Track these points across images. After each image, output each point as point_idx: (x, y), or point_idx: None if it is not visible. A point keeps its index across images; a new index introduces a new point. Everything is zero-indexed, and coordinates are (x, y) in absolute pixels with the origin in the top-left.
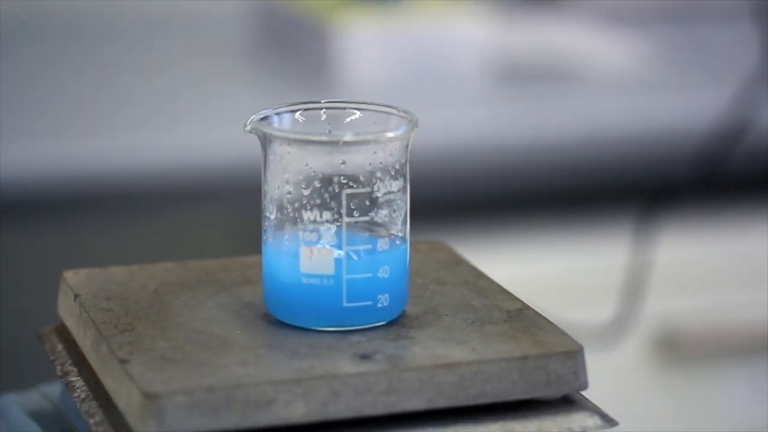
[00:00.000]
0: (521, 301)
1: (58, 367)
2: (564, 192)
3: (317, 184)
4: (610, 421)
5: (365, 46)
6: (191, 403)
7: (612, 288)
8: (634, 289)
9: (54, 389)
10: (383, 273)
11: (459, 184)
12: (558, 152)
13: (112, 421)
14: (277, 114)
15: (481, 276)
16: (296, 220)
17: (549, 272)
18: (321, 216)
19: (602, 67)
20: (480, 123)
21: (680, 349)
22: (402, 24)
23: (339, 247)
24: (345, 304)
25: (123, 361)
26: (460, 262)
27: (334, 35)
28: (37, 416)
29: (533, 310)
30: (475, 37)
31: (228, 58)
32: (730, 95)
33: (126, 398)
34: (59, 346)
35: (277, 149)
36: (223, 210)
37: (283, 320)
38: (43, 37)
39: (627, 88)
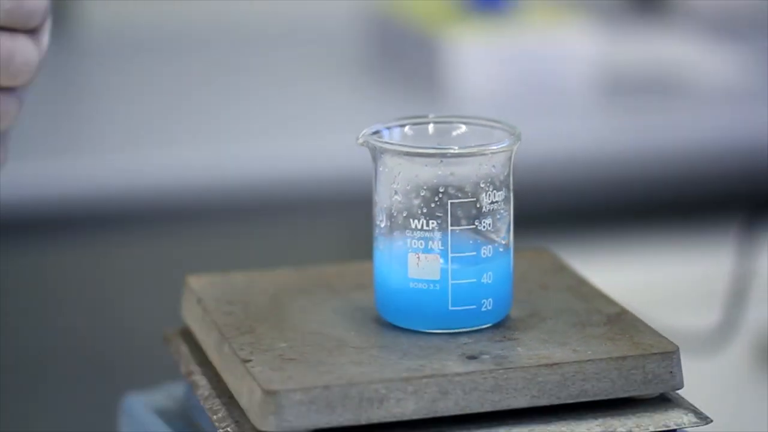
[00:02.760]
0: (620, 305)
1: (183, 367)
2: (670, 201)
3: (424, 194)
4: (704, 419)
5: (474, 59)
6: (309, 400)
7: (716, 296)
8: (737, 297)
9: (178, 388)
10: (487, 279)
11: (567, 193)
12: (664, 162)
13: (234, 418)
14: (387, 128)
15: (583, 282)
16: (404, 228)
17: (655, 280)
18: (428, 224)
19: (708, 78)
20: (587, 134)
21: None
22: (510, 37)
23: (445, 254)
24: (450, 308)
25: (245, 361)
26: (564, 269)
27: (444, 48)
28: (162, 414)
29: (632, 313)
30: (583, 49)
31: (340, 71)
32: None
33: (247, 395)
34: (183, 348)
35: (388, 161)
36: (338, 218)
37: (393, 323)
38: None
39: (732, 99)
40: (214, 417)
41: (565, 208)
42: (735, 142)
